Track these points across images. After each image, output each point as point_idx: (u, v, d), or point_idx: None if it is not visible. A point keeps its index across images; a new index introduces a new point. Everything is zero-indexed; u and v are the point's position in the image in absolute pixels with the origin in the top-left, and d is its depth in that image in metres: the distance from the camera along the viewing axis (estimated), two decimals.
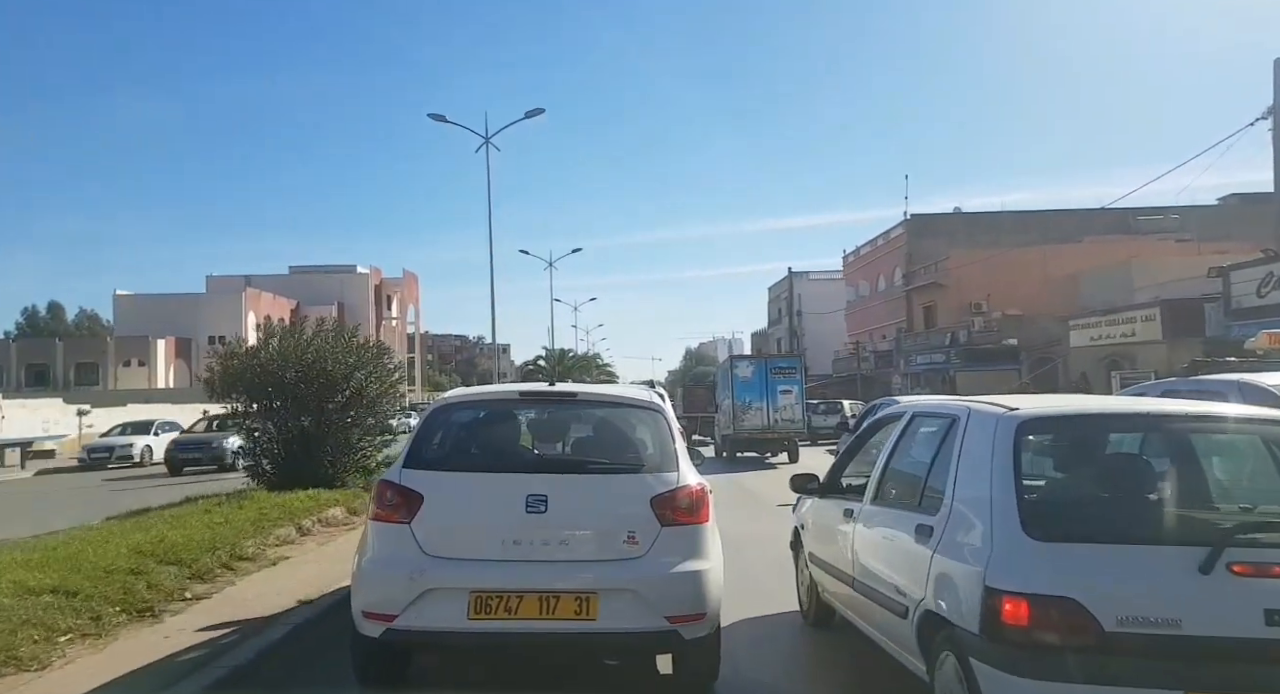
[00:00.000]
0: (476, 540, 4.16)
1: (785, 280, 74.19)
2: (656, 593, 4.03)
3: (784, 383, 23.02)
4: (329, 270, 78.94)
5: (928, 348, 41.55)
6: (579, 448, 5.17)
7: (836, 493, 5.21)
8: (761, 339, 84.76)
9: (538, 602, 3.98)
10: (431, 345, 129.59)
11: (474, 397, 5.26)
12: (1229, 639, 2.82)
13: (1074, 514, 3.43)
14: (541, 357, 55.83)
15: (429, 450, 4.59)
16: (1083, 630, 2.87)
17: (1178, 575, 2.92)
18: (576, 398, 5.06)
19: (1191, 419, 3.75)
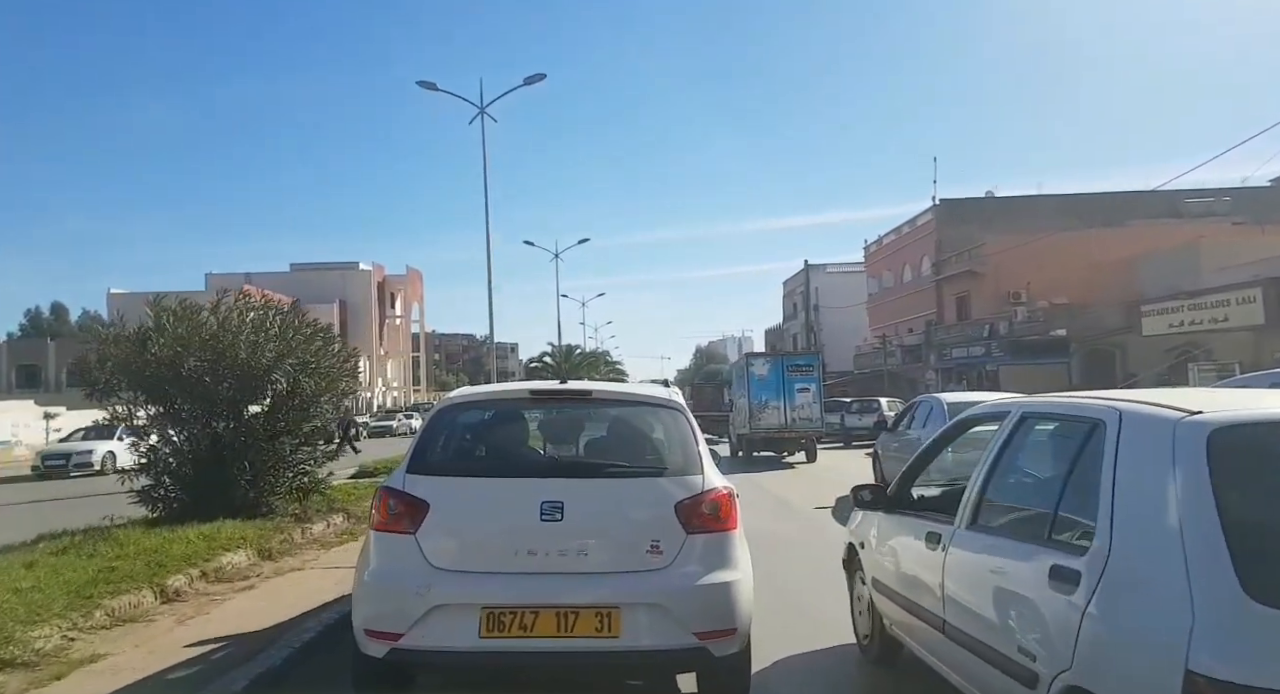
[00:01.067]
0: (488, 551, 3.83)
1: (801, 274, 70.85)
2: (683, 607, 3.68)
3: (801, 381, 22.11)
4: (330, 268, 76.12)
5: (963, 341, 38.24)
6: (594, 450, 4.78)
7: (910, 509, 4.34)
8: (776, 335, 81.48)
9: (555, 618, 3.62)
10: (438, 345, 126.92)
11: (482, 396, 4.80)
12: None
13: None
14: (547, 353, 52.41)
15: (434, 454, 4.22)
16: None
17: None
18: (591, 396, 4.68)
19: None
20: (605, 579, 3.72)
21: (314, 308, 73.35)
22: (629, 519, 3.87)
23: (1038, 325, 33.50)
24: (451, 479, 4.05)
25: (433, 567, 3.72)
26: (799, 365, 22.85)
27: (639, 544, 3.77)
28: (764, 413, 21.80)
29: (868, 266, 56.97)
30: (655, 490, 3.93)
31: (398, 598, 3.71)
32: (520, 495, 3.84)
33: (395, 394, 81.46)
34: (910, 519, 4.21)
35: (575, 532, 3.76)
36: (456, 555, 3.79)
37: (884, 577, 4.47)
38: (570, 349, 51.78)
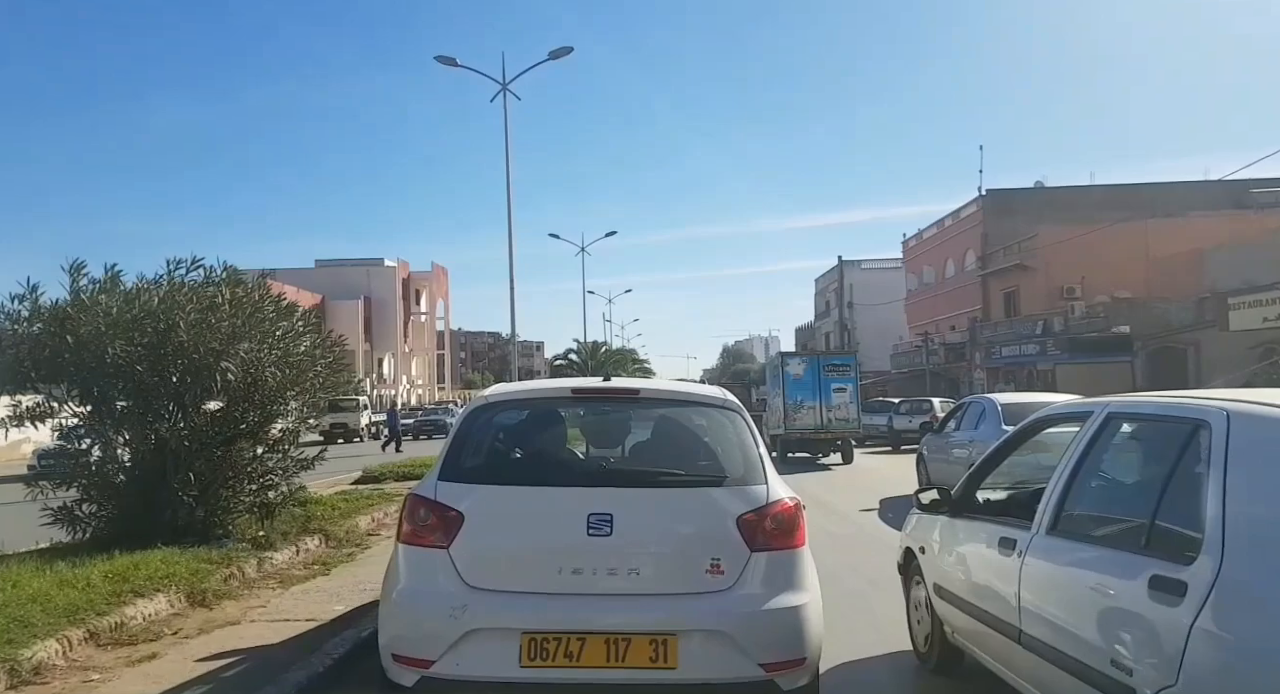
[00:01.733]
0: (529, 569, 3.40)
1: (834, 271, 68.56)
2: (748, 634, 3.28)
3: (838, 381, 21.71)
4: (355, 264, 74.89)
5: (1013, 338, 35.79)
6: (643, 455, 4.23)
7: (978, 512, 4.11)
8: (807, 334, 79.15)
9: (604, 645, 3.24)
10: (464, 342, 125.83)
11: (519, 394, 4.22)
12: None
13: None
14: (573, 351, 50.36)
15: (468, 459, 3.74)
16: None
17: None
18: (639, 395, 4.12)
19: None
20: (660, 602, 3.37)
21: (339, 304, 72.43)
22: (686, 534, 3.49)
23: (1098, 321, 31.03)
24: (488, 487, 3.65)
25: (468, 586, 3.36)
26: (835, 365, 22.38)
27: (698, 563, 3.40)
28: (799, 413, 21.37)
29: (907, 262, 54.50)
30: (715, 502, 3.53)
31: (429, 620, 3.34)
32: (565, 506, 3.46)
33: (420, 392, 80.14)
34: (979, 523, 4.02)
35: (626, 548, 3.39)
36: (494, 573, 3.42)
37: (948, 583, 4.28)
38: (597, 346, 49.71)
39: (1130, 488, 3.28)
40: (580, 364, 49.27)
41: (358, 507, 10.03)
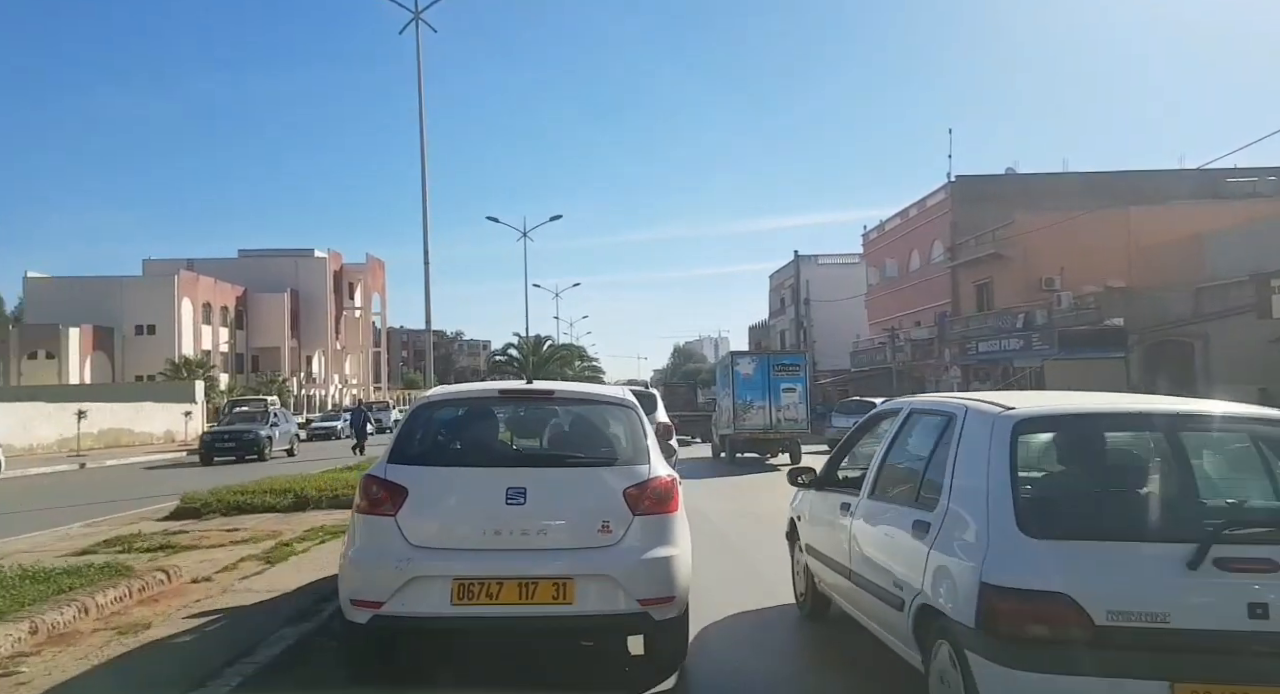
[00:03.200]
0: (459, 531, 4.28)
1: (789, 267, 65.63)
2: (629, 578, 4.16)
3: (787, 381, 21.39)
4: (282, 254, 69.57)
5: (990, 333, 32.90)
6: (556, 442, 5.16)
7: (833, 486, 5.27)
8: (761, 332, 76.12)
9: (517, 587, 4.10)
10: (406, 341, 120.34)
11: (455, 395, 5.25)
12: (1214, 632, 2.88)
13: (1068, 512, 3.43)
14: (513, 346, 46.16)
15: (412, 446, 4.66)
16: (1075, 625, 2.92)
17: (1167, 571, 2.97)
18: (553, 395, 5.11)
19: (1181, 418, 3.73)
20: (561, 554, 4.20)
21: (263, 297, 66.85)
22: (583, 503, 4.32)
23: (1088, 313, 28.18)
24: (427, 468, 4.50)
25: (410, 544, 4.16)
26: (785, 365, 21.99)
27: (591, 524, 4.25)
28: (749, 413, 20.91)
29: (867, 255, 51.66)
30: (606, 478, 4.41)
31: (379, 571, 4.13)
32: (488, 482, 4.31)
33: (355, 391, 75.05)
34: (831, 494, 5.16)
35: (536, 514, 4.23)
36: (431, 534, 4.23)
37: (814, 542, 5.38)
38: (539, 341, 45.55)
39: (915, 461, 4.30)
40: (521, 360, 45.15)
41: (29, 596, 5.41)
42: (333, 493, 10.37)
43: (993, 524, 3.18)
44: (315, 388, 70.99)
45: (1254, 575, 2.92)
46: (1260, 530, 3.14)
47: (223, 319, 63.53)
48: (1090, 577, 2.96)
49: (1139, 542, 3.11)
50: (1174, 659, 2.87)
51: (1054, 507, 3.48)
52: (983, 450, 3.45)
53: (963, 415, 3.78)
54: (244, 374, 64.50)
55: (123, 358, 56.91)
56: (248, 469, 18.83)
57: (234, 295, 64.95)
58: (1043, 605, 2.95)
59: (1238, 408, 3.77)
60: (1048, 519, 3.22)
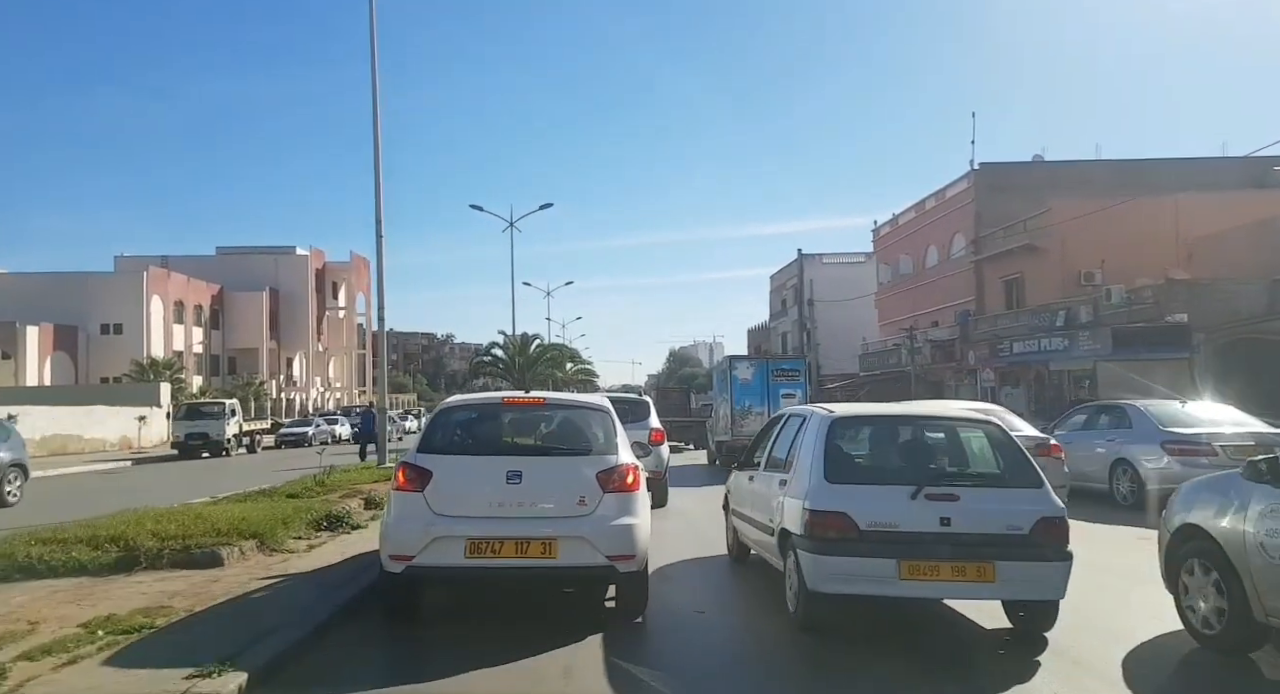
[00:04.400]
0: (471, 503, 5.51)
1: (791, 267, 62.29)
2: (599, 539, 5.39)
3: (787, 386, 20.83)
4: (261, 251, 65.83)
5: (1024, 332, 29.53)
6: (547, 438, 6.54)
7: (749, 467, 7.35)
8: (761, 335, 72.68)
9: (515, 545, 5.33)
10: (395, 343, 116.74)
11: (467, 401, 6.75)
12: (922, 532, 5.16)
13: (851, 469, 5.85)
14: (497, 345, 42.35)
15: (436, 440, 5.93)
16: (850, 529, 5.19)
17: (899, 500, 5.25)
18: (545, 402, 6.63)
19: (927, 417, 6.81)
20: (548, 521, 5.46)
21: (240, 296, 62.83)
22: (565, 483, 5.60)
23: (1144, 308, 24.80)
24: (447, 456, 5.77)
25: (435, 512, 5.43)
26: (785, 370, 21.56)
27: (572, 499, 5.52)
28: (747, 419, 20.12)
29: (878, 252, 48.28)
30: (583, 464, 5.70)
31: (411, 533, 5.38)
32: (493, 467, 5.59)
33: (339, 395, 71.33)
34: (746, 472, 7.39)
35: (529, 491, 5.52)
36: (450, 505, 5.46)
37: (735, 506, 7.68)
38: (527, 340, 41.82)
39: (787, 445, 6.39)
40: (507, 361, 41.47)
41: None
42: (185, 541, 6.86)
43: (813, 477, 5.49)
44: (296, 391, 67.26)
45: (944, 502, 5.21)
46: (948, 479, 5.61)
47: (196, 318, 59.83)
48: (858, 502, 5.26)
49: (886, 485, 5.46)
50: (900, 547, 5.11)
51: (845, 466, 5.74)
52: (813, 436, 5.77)
53: (809, 416, 6.17)
54: (219, 376, 60.79)
55: (87, 359, 53.17)
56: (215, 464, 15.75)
57: (209, 294, 61.27)
58: (834, 519, 5.21)
59: (959, 412, 7.40)
60: (841, 473, 5.56)
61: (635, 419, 12.16)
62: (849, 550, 5.09)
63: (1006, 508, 5.21)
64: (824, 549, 5.14)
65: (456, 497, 5.43)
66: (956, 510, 5.12)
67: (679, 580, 7.17)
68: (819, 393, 49.88)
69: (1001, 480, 5.58)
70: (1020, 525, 5.09)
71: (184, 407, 33.26)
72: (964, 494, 5.25)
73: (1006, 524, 5.11)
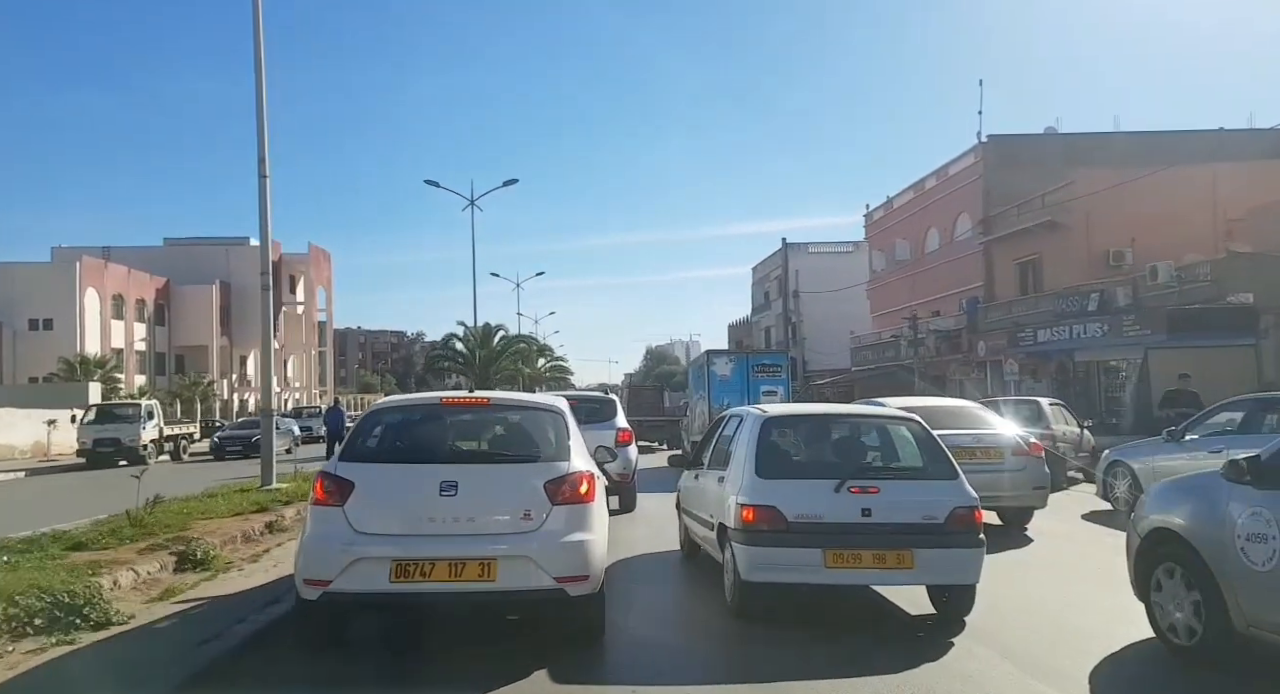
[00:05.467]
0: (399, 518, 4.76)
1: (774, 258, 58.76)
2: (546, 559, 4.64)
3: (768, 383, 19.43)
4: (211, 242, 61.12)
5: (1049, 319, 26.02)
6: (490, 443, 5.91)
7: (696, 466, 7.41)
8: (743, 330, 69.14)
9: (448, 567, 4.57)
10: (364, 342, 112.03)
11: (402, 402, 6.06)
12: (844, 523, 5.38)
13: (782, 466, 5.98)
14: (456, 336, 37.91)
15: (361, 446, 5.24)
16: (778, 521, 5.39)
17: (824, 493, 5.46)
18: (490, 403, 5.77)
19: (855, 415, 7.14)
20: (487, 539, 4.70)
21: (188, 289, 57.89)
22: (508, 494, 4.86)
23: (1199, 288, 21.34)
24: (373, 465, 5.03)
25: (355, 530, 4.65)
26: (765, 365, 20.25)
27: (516, 512, 4.78)
28: None
29: (871, 238, 44.76)
30: (530, 473, 4.94)
31: (328, 553, 4.61)
32: (424, 477, 4.81)
33: (298, 395, 66.70)
34: (693, 471, 7.46)
35: (465, 504, 4.73)
36: (374, 521, 4.71)
37: (685, 504, 7.70)
38: (490, 331, 37.53)
39: (727, 443, 6.57)
40: (467, 355, 37.25)
41: None
42: None
43: (745, 472, 5.70)
44: (250, 391, 62.61)
45: (865, 495, 5.43)
46: (871, 473, 5.89)
47: (139, 314, 55.10)
48: (787, 496, 5.46)
49: (813, 479, 5.71)
50: (824, 537, 5.33)
51: (776, 462, 5.91)
52: (749, 435, 5.97)
53: (746, 416, 6.42)
54: (166, 375, 56.13)
55: (13, 357, 48.39)
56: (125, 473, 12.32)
57: (153, 287, 56.53)
58: (764, 512, 5.40)
59: (886, 410, 7.45)
60: (772, 469, 5.74)
61: (601, 419, 11.67)
62: (778, 541, 5.38)
63: (924, 499, 5.51)
64: (755, 540, 5.43)
65: (381, 511, 4.75)
66: (877, 502, 5.42)
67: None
68: (806, 390, 46.51)
69: (922, 473, 5.89)
70: (936, 515, 5.41)
71: (91, 409, 28.78)
72: (884, 486, 5.56)
73: (923, 514, 5.42)
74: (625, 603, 5.88)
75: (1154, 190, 25.17)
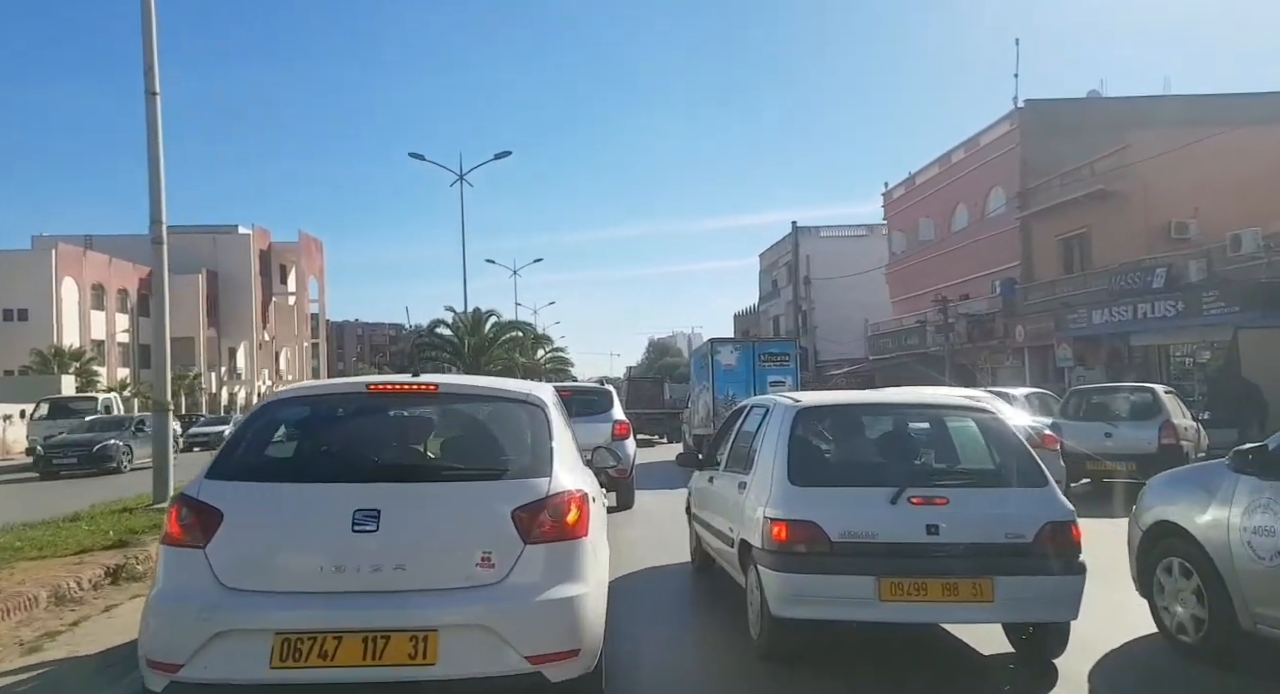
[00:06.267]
0: (288, 568, 3.12)
1: (783, 244, 55.91)
2: (514, 627, 3.05)
3: (775, 372, 18.35)
4: (198, 231, 58.33)
5: (1104, 298, 23.13)
6: (440, 450, 4.09)
7: (709, 466, 6.26)
8: (750, 319, 66.23)
9: (361, 643, 2.94)
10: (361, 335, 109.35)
11: (309, 391, 4.33)
12: (904, 544, 4.19)
13: (821, 469, 4.84)
14: (443, 322, 34.96)
15: (241, 456, 3.49)
16: (819, 541, 4.20)
17: (877, 505, 4.26)
18: (438, 392, 3.85)
19: (911, 405, 5.63)
20: (423, 598, 3.05)
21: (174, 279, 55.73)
22: (458, 528, 3.20)
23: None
24: (254, 484, 3.35)
25: (222, 586, 3.05)
26: (773, 353, 19.13)
27: (468, 556, 3.13)
28: (730, 409, 12.56)
29: (891, 219, 41.79)
30: (491, 494, 3.29)
31: (180, 622, 3.03)
32: (331, 503, 3.16)
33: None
34: (707, 472, 6.28)
35: (392, 544, 3.08)
36: (250, 573, 3.10)
37: (696, 510, 6.58)
38: (480, 316, 34.64)
39: (749, 440, 5.37)
40: (456, 342, 34.41)
41: None
42: None
43: (775, 478, 4.52)
44: (241, 384, 59.95)
45: (930, 507, 4.24)
46: (936, 478, 4.72)
47: (121, 304, 52.43)
48: (829, 509, 4.28)
49: (862, 487, 4.44)
50: (879, 562, 4.14)
51: (813, 465, 4.76)
52: (775, 431, 4.80)
53: (773, 406, 5.18)
54: (150, 368, 53.41)
55: None
56: None
57: (136, 277, 53.73)
58: (800, 529, 4.24)
59: (949, 398, 6.00)
60: (808, 473, 4.55)
61: (597, 412, 11.09)
62: (819, 567, 4.22)
63: (1006, 512, 4.35)
64: (789, 565, 4.26)
65: (263, 556, 3.12)
66: (946, 516, 4.26)
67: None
68: (818, 381, 43.68)
69: (998, 478, 4.68)
70: (1023, 532, 4.24)
71: (45, 404, 26.09)
72: (954, 496, 4.38)
73: (1006, 531, 4.26)
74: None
75: (1218, 154, 22.30)
